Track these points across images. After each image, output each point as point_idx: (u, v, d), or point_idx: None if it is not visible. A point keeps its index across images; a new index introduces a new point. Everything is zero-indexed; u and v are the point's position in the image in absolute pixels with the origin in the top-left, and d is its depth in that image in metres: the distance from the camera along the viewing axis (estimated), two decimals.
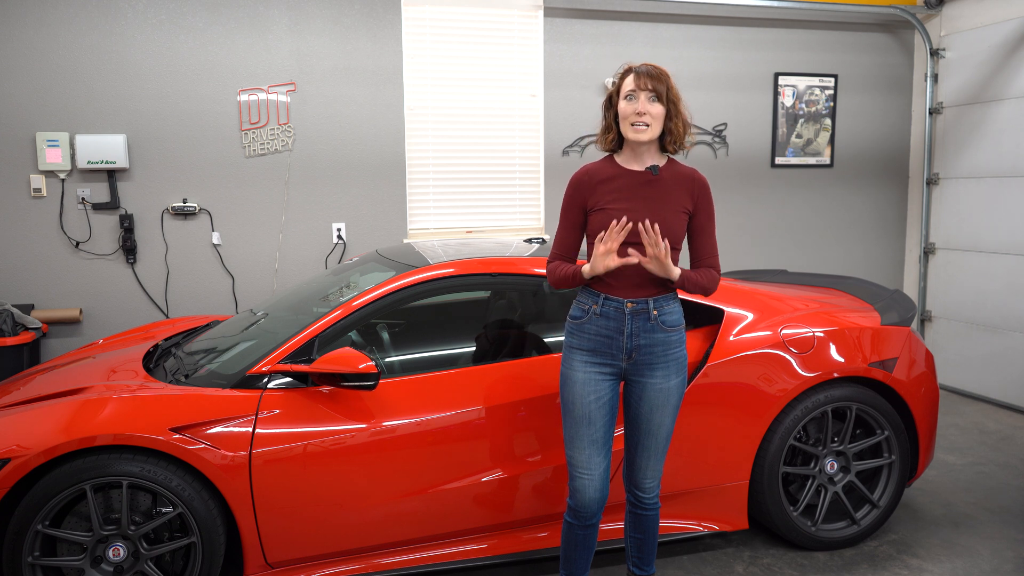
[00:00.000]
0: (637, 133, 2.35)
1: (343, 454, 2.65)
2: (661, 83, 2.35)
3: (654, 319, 2.39)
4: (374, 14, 4.82)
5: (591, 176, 2.45)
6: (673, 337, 2.43)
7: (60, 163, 4.43)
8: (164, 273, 4.69)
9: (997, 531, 3.33)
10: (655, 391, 2.42)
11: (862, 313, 3.29)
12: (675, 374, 2.44)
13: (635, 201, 2.37)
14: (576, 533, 2.51)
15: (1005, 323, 5.17)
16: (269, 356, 2.74)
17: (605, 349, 2.41)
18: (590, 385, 2.41)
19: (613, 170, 2.44)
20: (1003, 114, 5.17)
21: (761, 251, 5.76)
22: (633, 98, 2.35)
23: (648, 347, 2.40)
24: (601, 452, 2.44)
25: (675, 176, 2.43)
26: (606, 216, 2.37)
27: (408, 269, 3.02)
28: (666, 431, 2.48)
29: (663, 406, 2.44)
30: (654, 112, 2.34)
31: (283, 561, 2.70)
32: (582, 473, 2.44)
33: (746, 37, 5.51)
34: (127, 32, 4.48)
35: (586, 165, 2.51)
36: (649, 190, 2.39)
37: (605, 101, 2.47)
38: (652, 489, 2.54)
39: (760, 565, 3.06)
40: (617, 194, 2.39)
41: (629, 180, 2.40)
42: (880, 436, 3.17)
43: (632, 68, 2.39)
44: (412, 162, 5.05)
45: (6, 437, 2.46)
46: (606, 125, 2.46)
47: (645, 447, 2.48)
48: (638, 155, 2.42)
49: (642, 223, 2.29)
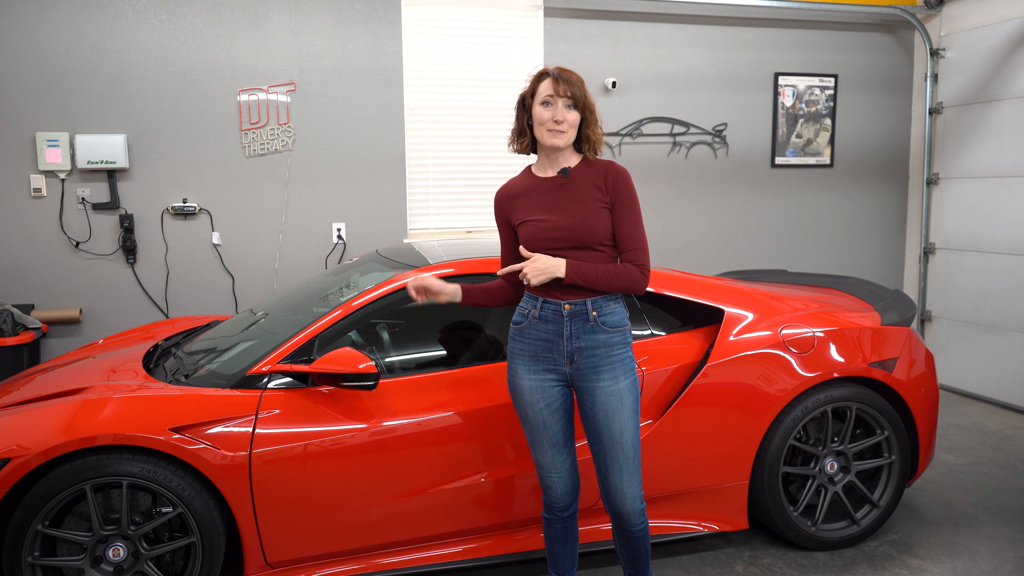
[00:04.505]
0: (553, 138, 2.34)
1: (343, 454, 2.65)
2: (578, 90, 2.33)
3: (593, 320, 2.35)
4: (374, 14, 4.82)
5: (509, 192, 2.49)
6: (615, 338, 2.37)
7: (60, 163, 4.43)
8: (164, 273, 4.69)
9: (997, 531, 3.33)
10: (606, 395, 2.34)
11: (862, 313, 3.29)
12: (623, 375, 2.36)
13: (552, 207, 2.37)
14: (555, 527, 2.53)
15: (1005, 323, 5.17)
16: (269, 356, 2.74)
17: (546, 354, 2.38)
18: (537, 392, 2.40)
19: (529, 182, 2.45)
20: (1003, 114, 5.17)
21: (761, 251, 5.76)
22: (550, 104, 2.33)
23: (589, 349, 2.35)
24: (563, 451, 2.45)
25: (589, 174, 2.40)
26: (530, 228, 2.38)
27: (408, 269, 3.02)
28: (630, 439, 2.35)
29: (618, 410, 2.34)
30: (571, 119, 2.33)
31: (283, 561, 2.70)
32: (550, 474, 2.47)
33: (746, 37, 5.50)
34: (127, 32, 4.48)
35: (507, 182, 2.53)
36: (563, 193, 2.38)
37: (518, 103, 2.44)
38: (634, 511, 2.39)
39: (760, 565, 3.06)
40: (534, 204, 2.40)
41: (543, 188, 2.41)
42: (880, 436, 3.17)
43: (548, 72, 2.36)
44: (412, 162, 5.05)
45: (6, 437, 2.46)
46: (519, 128, 2.44)
47: (614, 460, 2.36)
48: (553, 161, 2.41)
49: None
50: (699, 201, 5.55)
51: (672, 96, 5.36)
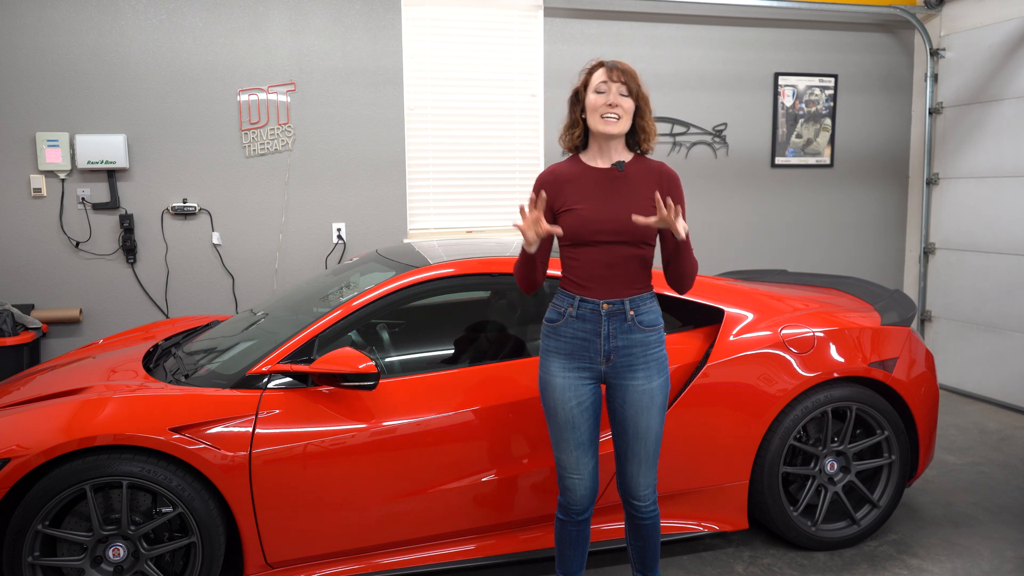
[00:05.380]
0: (607, 125, 2.31)
1: (343, 454, 2.65)
2: (633, 80, 2.33)
3: (631, 319, 2.35)
4: (374, 14, 4.82)
5: (556, 177, 2.41)
6: (651, 337, 2.38)
7: (60, 163, 4.43)
8: (164, 273, 4.69)
9: (997, 531, 3.33)
10: (638, 393, 2.37)
11: (862, 313, 3.29)
12: (657, 374, 2.39)
13: (603, 199, 2.34)
14: (569, 530, 2.51)
15: (1005, 323, 5.17)
16: (269, 356, 2.74)
17: (582, 352, 2.37)
18: (570, 391, 2.38)
19: (578, 169, 2.40)
20: (1003, 114, 5.17)
21: (761, 251, 5.76)
22: (604, 91, 2.32)
23: (626, 348, 2.36)
24: (588, 453, 2.43)
25: (642, 171, 2.39)
26: (577, 217, 2.33)
27: (408, 269, 3.02)
28: (654, 435, 2.40)
29: (648, 408, 2.38)
30: (625, 106, 2.32)
31: (283, 561, 2.70)
32: (571, 474, 2.44)
33: (746, 37, 5.51)
34: (127, 32, 4.48)
35: (551, 166, 2.47)
36: (616, 187, 2.35)
37: (571, 96, 2.43)
38: (647, 498, 2.46)
39: (760, 565, 3.06)
40: (583, 193, 2.35)
41: (595, 178, 2.37)
42: (880, 436, 3.17)
43: (603, 62, 2.36)
44: (412, 162, 5.05)
45: (6, 437, 2.46)
46: (572, 120, 2.42)
47: (635, 453, 2.41)
48: (604, 152, 2.38)
49: (661, 197, 2.23)
50: (699, 201, 5.55)
51: (672, 96, 5.36)
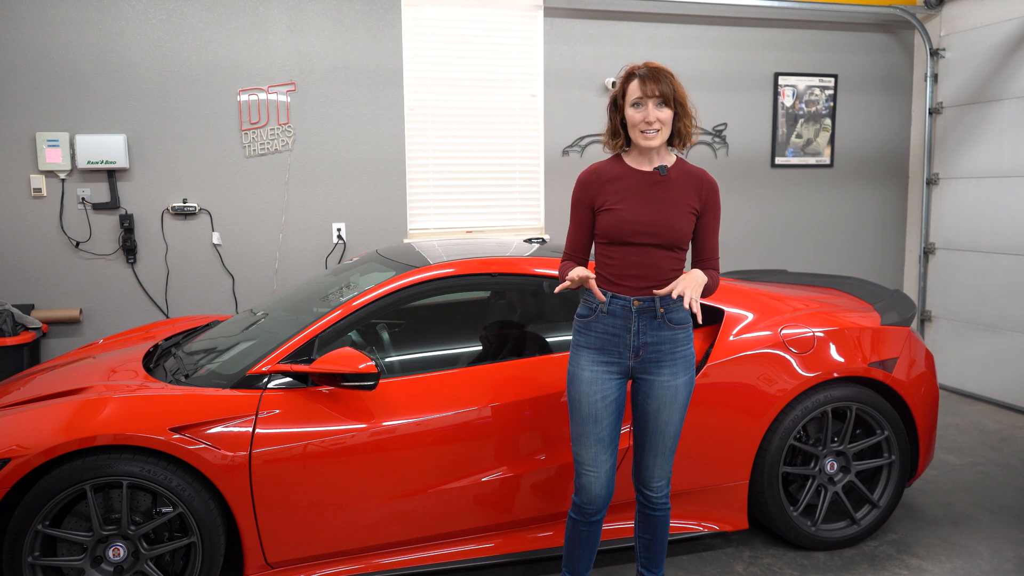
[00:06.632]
0: (648, 140, 2.34)
1: (343, 454, 2.65)
2: (667, 86, 2.31)
3: (661, 317, 2.39)
4: (374, 14, 4.82)
5: (598, 176, 2.44)
6: (680, 335, 2.43)
7: (60, 163, 4.43)
8: (164, 273, 4.69)
9: (997, 531, 3.33)
10: (663, 389, 2.42)
11: (862, 313, 3.29)
12: (683, 372, 2.44)
13: (642, 201, 2.37)
14: (580, 530, 2.51)
15: (1005, 323, 5.17)
16: (269, 356, 2.74)
17: (612, 347, 2.41)
18: (597, 384, 2.41)
19: (621, 170, 2.43)
20: (1003, 114, 5.17)
21: (761, 251, 5.76)
22: (640, 105, 2.32)
23: (655, 345, 2.40)
24: (607, 450, 2.44)
25: (684, 176, 2.42)
26: (613, 216, 2.36)
27: (408, 269, 3.02)
28: (674, 429, 2.46)
29: (671, 404, 2.43)
30: (663, 118, 2.32)
31: (283, 561, 2.70)
32: (588, 470, 2.44)
33: (746, 37, 5.51)
34: (127, 32, 4.48)
35: (594, 164, 2.50)
36: (657, 190, 2.38)
37: (610, 104, 2.43)
38: (661, 488, 2.52)
39: (760, 565, 3.06)
40: (624, 194, 2.38)
41: (637, 180, 2.39)
42: (880, 436, 3.17)
43: (635, 72, 2.34)
44: (412, 162, 5.05)
45: (6, 437, 2.46)
46: (613, 129, 2.43)
47: (653, 445, 2.47)
48: (647, 155, 2.41)
49: (655, 291, 2.29)
50: None
51: None
